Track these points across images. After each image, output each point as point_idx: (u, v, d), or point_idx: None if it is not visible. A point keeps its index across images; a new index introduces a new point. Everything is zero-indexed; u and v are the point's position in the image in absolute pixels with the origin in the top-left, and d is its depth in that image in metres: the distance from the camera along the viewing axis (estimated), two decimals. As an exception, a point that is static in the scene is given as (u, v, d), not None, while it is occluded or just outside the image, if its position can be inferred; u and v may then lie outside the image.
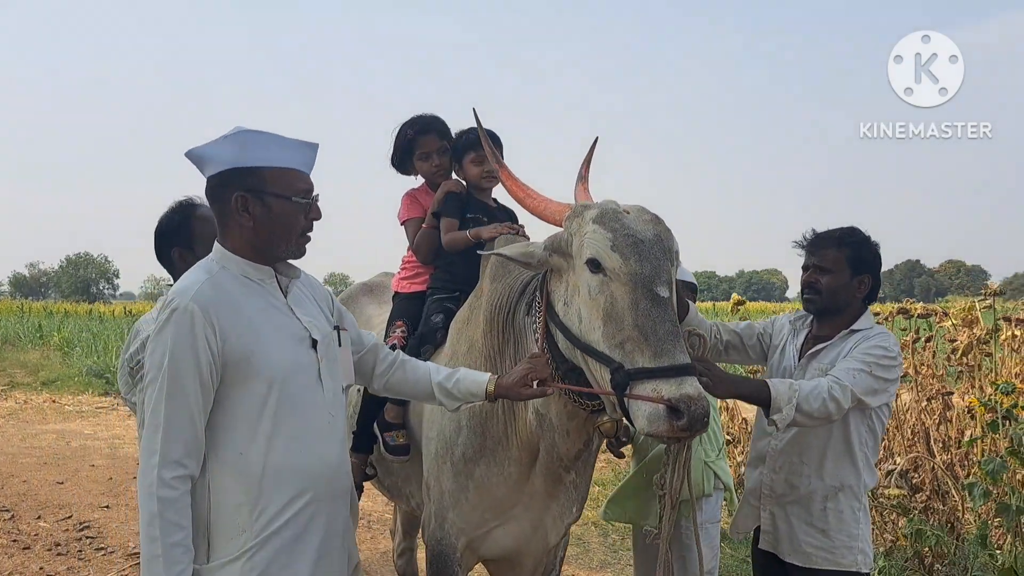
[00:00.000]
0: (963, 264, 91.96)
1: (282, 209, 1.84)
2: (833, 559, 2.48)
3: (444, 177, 3.11)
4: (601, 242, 2.00)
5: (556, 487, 2.45)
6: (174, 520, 1.68)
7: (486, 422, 2.41)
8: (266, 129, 1.86)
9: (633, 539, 3.38)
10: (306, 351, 1.87)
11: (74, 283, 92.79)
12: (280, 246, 1.88)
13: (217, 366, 1.74)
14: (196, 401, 1.72)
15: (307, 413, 1.84)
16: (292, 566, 1.79)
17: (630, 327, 1.92)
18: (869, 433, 2.53)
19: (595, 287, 2.00)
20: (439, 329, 2.81)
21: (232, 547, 1.74)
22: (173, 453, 1.69)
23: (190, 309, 1.72)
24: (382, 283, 3.77)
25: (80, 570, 4.79)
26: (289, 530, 1.79)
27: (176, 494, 1.69)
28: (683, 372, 1.85)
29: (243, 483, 1.75)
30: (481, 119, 2.54)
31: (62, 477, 7.00)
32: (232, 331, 1.75)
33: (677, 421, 1.80)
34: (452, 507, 2.48)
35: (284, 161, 1.85)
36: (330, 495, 1.89)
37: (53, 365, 15.81)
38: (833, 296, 2.56)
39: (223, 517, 1.75)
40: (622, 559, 5.26)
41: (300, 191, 1.86)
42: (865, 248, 2.60)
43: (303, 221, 1.89)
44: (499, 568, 2.66)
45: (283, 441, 1.79)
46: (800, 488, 2.53)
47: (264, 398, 1.77)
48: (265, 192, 1.82)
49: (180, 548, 1.68)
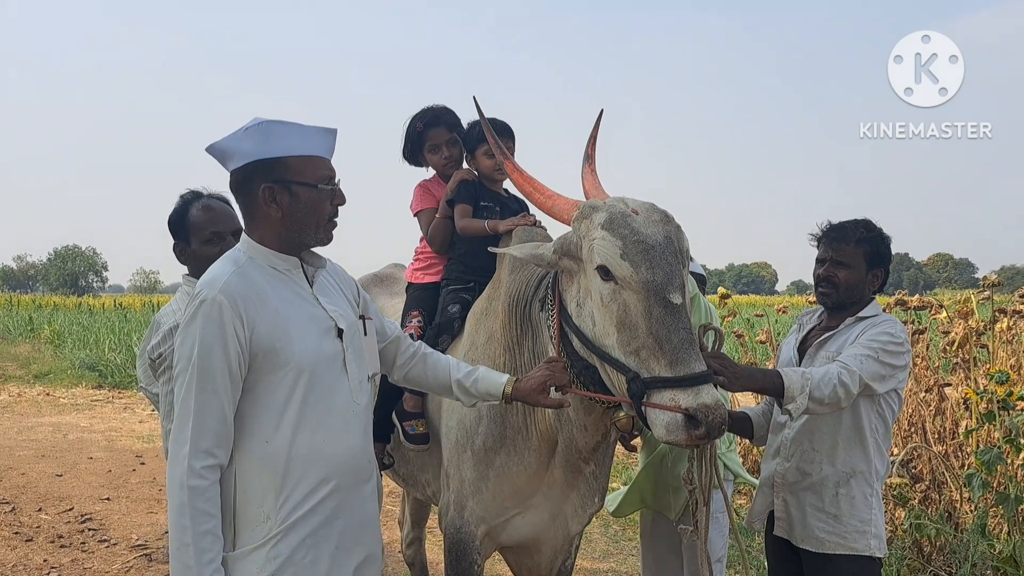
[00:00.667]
0: (951, 257, 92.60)
1: (309, 197, 1.85)
2: (845, 544, 2.51)
3: (455, 168, 3.12)
4: (611, 250, 1.99)
5: (575, 477, 2.47)
6: (204, 509, 1.69)
7: (506, 413, 2.43)
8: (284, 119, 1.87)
9: (641, 527, 3.42)
10: (332, 341, 1.88)
11: (62, 276, 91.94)
12: (309, 234, 1.89)
13: (245, 356, 1.75)
14: (225, 391, 1.73)
15: (333, 402, 1.85)
16: (316, 553, 1.81)
17: (644, 335, 1.92)
18: (879, 419, 2.56)
19: (607, 295, 2.00)
20: (456, 319, 2.83)
21: (257, 534, 1.76)
22: (203, 443, 1.71)
23: (218, 301, 1.73)
24: (392, 274, 3.78)
25: (84, 562, 4.79)
26: (314, 518, 1.80)
27: (206, 484, 1.70)
28: (699, 381, 1.87)
29: (268, 471, 1.77)
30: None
31: (61, 470, 6.99)
32: (260, 321, 1.77)
33: (695, 430, 1.82)
34: (472, 495, 2.50)
35: (307, 149, 1.86)
36: (354, 483, 1.90)
37: (45, 358, 15.71)
38: (849, 291, 2.60)
39: (249, 505, 1.77)
40: (624, 549, 5.31)
41: (324, 178, 1.88)
42: (881, 243, 2.62)
43: (329, 207, 1.90)
44: (518, 555, 2.68)
45: (308, 430, 1.80)
46: (812, 475, 2.56)
47: (291, 387, 1.79)
48: (291, 181, 1.83)
49: (210, 536, 1.70)
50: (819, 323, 2.74)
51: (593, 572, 4.84)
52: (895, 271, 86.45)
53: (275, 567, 1.75)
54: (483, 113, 2.52)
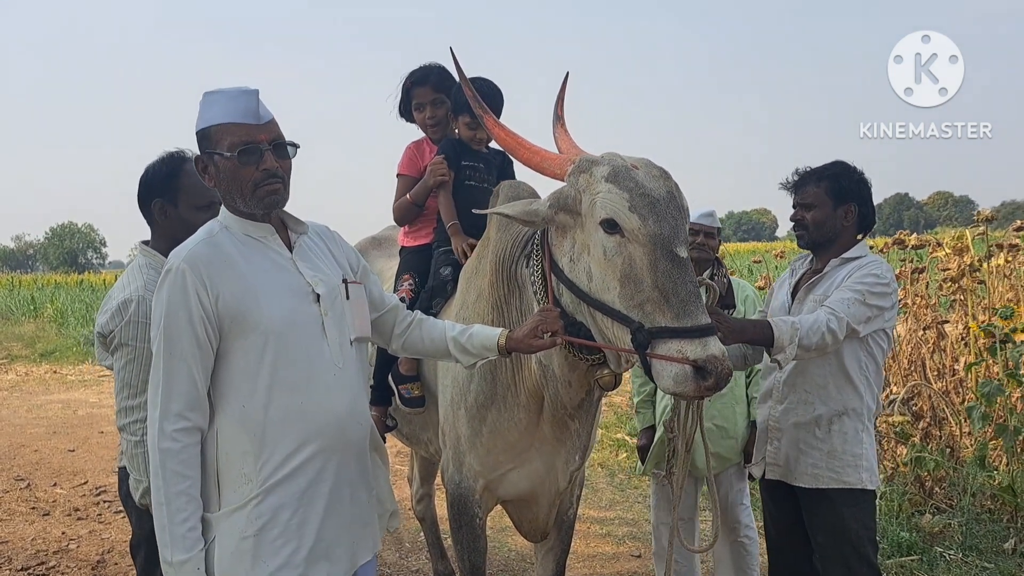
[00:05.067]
0: (951, 195, 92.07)
1: (225, 166, 1.84)
2: (839, 478, 2.57)
3: (438, 129, 3.12)
4: (618, 202, 1.97)
5: (563, 433, 2.50)
6: (176, 470, 1.74)
7: (496, 370, 2.46)
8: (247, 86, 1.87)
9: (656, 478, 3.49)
10: (308, 305, 1.89)
11: (61, 254, 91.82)
12: (239, 203, 1.88)
13: (213, 322, 1.78)
14: (193, 357, 1.77)
15: (310, 365, 1.87)
16: (304, 514, 1.84)
17: (650, 288, 1.91)
18: (868, 358, 2.59)
19: (611, 248, 1.98)
20: (449, 282, 2.84)
21: (239, 495, 1.80)
22: (174, 407, 1.75)
23: (181, 269, 1.77)
24: (390, 236, 3.78)
25: (102, 532, 4.88)
26: (298, 479, 1.83)
27: (178, 446, 1.74)
28: (706, 332, 1.87)
29: (247, 434, 1.80)
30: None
31: (73, 445, 7.08)
32: (225, 287, 1.79)
33: (704, 381, 1.83)
34: (468, 451, 2.54)
35: (224, 117, 1.84)
36: (341, 445, 1.92)
37: (49, 336, 15.81)
38: (820, 229, 2.65)
39: (231, 467, 1.81)
40: (629, 497, 5.40)
41: (237, 144, 1.83)
42: (845, 178, 2.65)
43: (254, 173, 1.84)
44: (517, 508, 2.73)
45: (283, 393, 1.82)
46: (806, 415, 2.61)
47: (261, 352, 1.81)
48: (211, 152, 1.86)
49: (184, 497, 1.74)
50: (810, 267, 2.77)
51: (600, 521, 4.93)
52: (896, 211, 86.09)
53: (258, 526, 1.79)
54: (461, 68, 2.42)
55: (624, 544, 4.57)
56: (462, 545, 2.64)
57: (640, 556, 4.36)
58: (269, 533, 1.80)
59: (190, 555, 1.74)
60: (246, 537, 1.79)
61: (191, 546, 1.74)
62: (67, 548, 4.62)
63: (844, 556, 2.56)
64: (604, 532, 4.75)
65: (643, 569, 4.17)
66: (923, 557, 3.98)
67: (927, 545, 4.09)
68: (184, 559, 1.73)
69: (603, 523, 4.90)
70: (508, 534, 4.56)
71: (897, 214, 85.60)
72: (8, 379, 11.39)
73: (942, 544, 4.11)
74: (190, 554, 1.74)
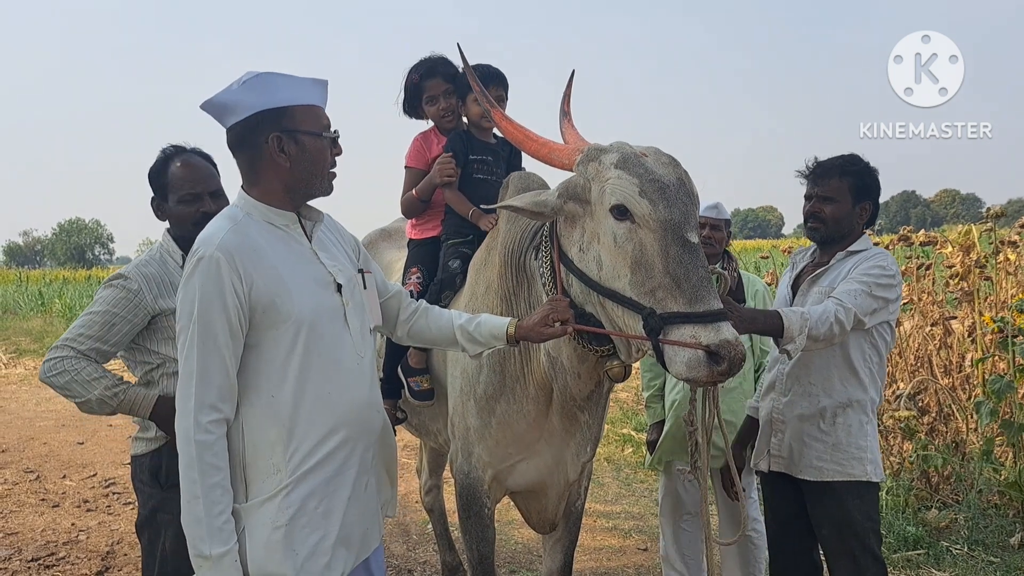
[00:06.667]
0: (958, 193, 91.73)
1: (315, 146, 1.87)
2: (843, 470, 2.57)
3: (452, 119, 3.11)
4: (628, 188, 1.97)
5: (572, 425, 2.50)
6: (212, 462, 1.73)
7: (504, 361, 2.47)
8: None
9: (665, 472, 3.50)
10: (331, 295, 1.90)
11: (68, 250, 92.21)
12: (315, 184, 1.91)
13: (245, 312, 1.77)
14: (227, 347, 1.76)
15: (336, 355, 1.88)
16: (329, 503, 1.85)
17: (661, 274, 1.91)
18: (872, 349, 2.60)
19: (622, 235, 1.98)
20: (458, 274, 2.85)
21: (268, 486, 1.80)
22: (208, 398, 1.73)
23: (216, 257, 1.74)
24: (400, 228, 3.78)
25: (111, 524, 4.92)
26: (325, 468, 1.84)
27: (212, 438, 1.74)
28: (719, 318, 1.86)
29: (276, 424, 1.80)
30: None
31: (81, 438, 7.13)
32: (257, 277, 1.78)
33: (717, 367, 1.82)
34: (477, 442, 2.55)
35: (307, 99, 1.87)
36: (364, 433, 1.94)
37: (57, 331, 15.85)
38: (837, 225, 2.63)
39: (258, 458, 1.80)
40: (635, 491, 5.42)
41: (326, 126, 1.90)
42: (867, 176, 2.64)
43: (330, 157, 1.92)
44: (526, 500, 2.74)
45: (313, 382, 1.83)
46: (810, 407, 2.61)
47: (292, 342, 1.81)
48: (297, 131, 1.85)
49: (219, 489, 1.74)
50: (812, 260, 2.77)
51: (606, 515, 4.95)
52: (903, 209, 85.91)
53: (288, 516, 1.79)
54: (467, 59, 2.46)
55: (630, 537, 4.58)
56: (470, 535, 2.65)
57: (646, 549, 4.37)
58: (299, 522, 1.80)
59: (227, 547, 1.72)
60: (278, 527, 1.78)
61: (228, 538, 1.73)
62: (77, 539, 4.66)
63: (849, 548, 2.56)
64: (610, 526, 4.77)
65: (649, 562, 4.19)
66: (929, 551, 3.99)
67: (933, 539, 4.11)
68: (223, 552, 1.71)
69: (609, 517, 4.92)
70: (515, 527, 4.59)
71: (904, 212, 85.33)
72: (17, 373, 11.46)
73: (948, 539, 4.12)
74: (227, 546, 1.72)
